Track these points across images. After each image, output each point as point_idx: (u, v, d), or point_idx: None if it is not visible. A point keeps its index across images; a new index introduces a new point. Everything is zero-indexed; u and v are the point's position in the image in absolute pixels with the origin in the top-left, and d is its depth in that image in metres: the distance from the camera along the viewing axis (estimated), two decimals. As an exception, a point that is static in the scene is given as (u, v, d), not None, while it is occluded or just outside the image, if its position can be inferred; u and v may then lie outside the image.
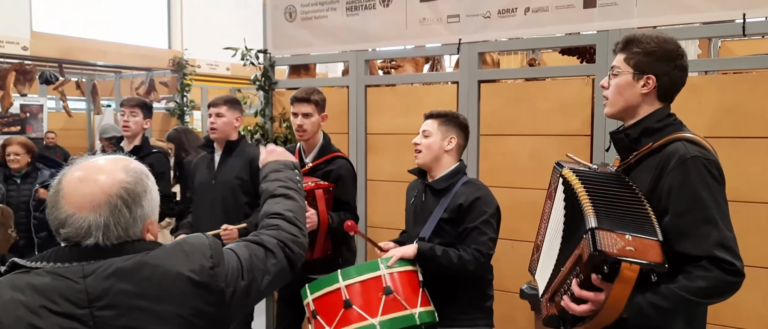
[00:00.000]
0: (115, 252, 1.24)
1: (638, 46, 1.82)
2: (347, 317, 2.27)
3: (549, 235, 1.96)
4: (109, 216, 1.23)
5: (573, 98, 3.29)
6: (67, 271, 1.20)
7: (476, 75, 3.52)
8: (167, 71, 8.41)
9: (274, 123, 4.40)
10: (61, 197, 1.23)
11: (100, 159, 1.30)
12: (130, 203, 1.26)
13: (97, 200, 1.22)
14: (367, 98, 3.96)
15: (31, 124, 8.08)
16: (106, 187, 1.24)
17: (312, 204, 2.85)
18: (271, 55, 4.35)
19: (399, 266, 2.37)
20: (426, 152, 2.56)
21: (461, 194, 2.49)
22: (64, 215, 1.22)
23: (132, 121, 3.71)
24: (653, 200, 1.71)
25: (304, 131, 3.08)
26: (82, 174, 1.25)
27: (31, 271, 1.21)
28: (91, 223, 1.22)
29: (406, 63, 4.48)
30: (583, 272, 1.61)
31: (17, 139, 4.42)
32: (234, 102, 3.40)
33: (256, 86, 4.42)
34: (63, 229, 1.22)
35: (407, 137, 3.82)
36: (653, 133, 1.80)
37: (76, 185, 1.23)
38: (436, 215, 2.50)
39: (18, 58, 7.17)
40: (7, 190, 4.25)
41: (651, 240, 1.58)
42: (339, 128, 3.96)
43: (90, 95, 8.67)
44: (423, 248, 2.42)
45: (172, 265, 1.27)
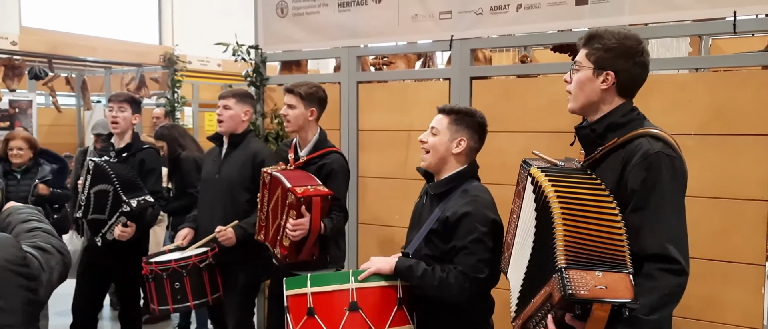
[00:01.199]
0: None
1: (599, 42, 1.85)
2: (309, 325, 2.13)
3: (519, 236, 1.94)
4: None
5: (564, 95, 3.28)
6: None
7: (468, 72, 3.52)
8: (158, 67, 8.36)
9: (265, 119, 4.38)
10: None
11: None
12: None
13: None
14: (358, 95, 3.95)
15: (21, 120, 8.02)
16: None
17: (307, 210, 2.76)
18: (263, 51, 4.34)
19: (372, 281, 2.16)
20: (432, 152, 2.28)
21: (453, 205, 2.19)
22: None
23: (120, 116, 3.67)
24: (619, 196, 1.73)
25: (288, 122, 3.07)
26: None
27: None
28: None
29: (397, 60, 4.48)
30: (553, 306, 1.62)
31: (21, 134, 4.40)
32: (244, 96, 3.38)
33: (247, 82, 4.40)
34: None
35: (399, 133, 3.83)
36: (618, 128, 1.83)
37: None
38: (428, 226, 2.24)
39: (7, 53, 7.11)
40: (6, 185, 4.23)
41: (621, 274, 1.57)
42: (330, 125, 3.95)
43: (80, 90, 8.61)
44: (400, 266, 2.16)
45: None
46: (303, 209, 2.74)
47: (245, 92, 3.43)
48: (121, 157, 3.67)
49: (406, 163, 3.79)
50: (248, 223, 3.19)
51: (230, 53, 4.35)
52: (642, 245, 1.67)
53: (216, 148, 3.47)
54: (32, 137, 4.45)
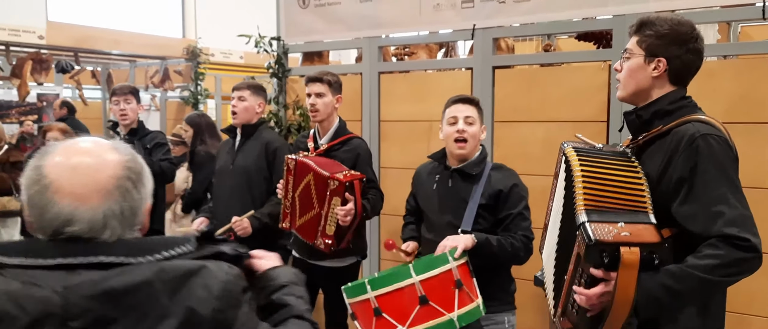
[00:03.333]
0: (119, 249, 1.07)
1: (651, 28, 1.81)
2: (423, 313, 2.13)
3: (553, 215, 1.99)
4: (117, 204, 1.08)
5: (588, 84, 3.27)
6: (55, 282, 1.02)
7: (490, 61, 3.50)
8: (181, 60, 8.44)
9: (287, 110, 4.41)
10: (55, 191, 1.04)
11: (77, 142, 1.13)
12: (137, 180, 1.12)
13: (104, 186, 1.06)
14: (380, 85, 3.95)
15: (48, 113, 8.16)
16: (109, 170, 1.08)
17: (351, 194, 2.80)
18: (284, 43, 4.35)
19: (463, 257, 2.27)
20: (472, 141, 2.48)
21: (497, 180, 2.45)
22: (67, 210, 1.04)
23: (128, 108, 3.77)
24: (663, 183, 1.70)
25: (316, 111, 3.08)
26: (76, 161, 1.07)
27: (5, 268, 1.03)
28: (105, 213, 1.06)
29: (419, 50, 4.46)
30: (585, 270, 1.61)
31: (57, 125, 4.49)
32: (258, 88, 3.41)
33: (269, 74, 4.43)
34: (70, 227, 1.04)
35: (420, 124, 3.82)
36: (665, 115, 1.79)
37: (71, 174, 1.05)
38: (475, 203, 2.44)
39: (34, 48, 7.24)
40: None
41: (644, 224, 1.58)
42: (352, 115, 3.96)
43: (105, 83, 8.73)
44: (480, 239, 2.34)
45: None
46: (347, 194, 2.78)
47: (259, 85, 3.48)
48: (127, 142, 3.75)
49: (427, 153, 3.76)
50: (263, 213, 3.22)
51: (252, 45, 4.38)
52: (702, 230, 1.61)
53: (230, 139, 3.50)
54: (68, 128, 4.52)
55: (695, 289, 1.60)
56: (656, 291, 1.58)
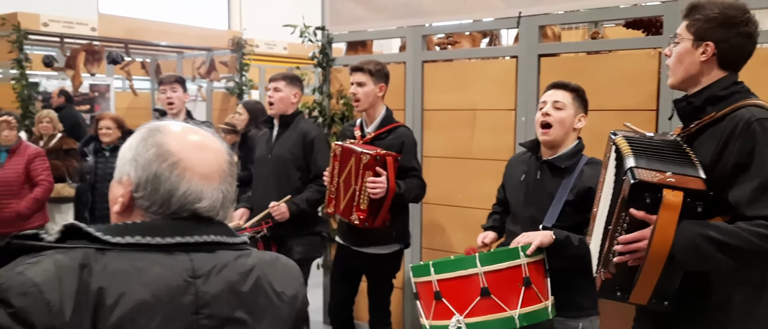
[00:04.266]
0: (225, 230, 1.11)
1: (700, 12, 1.77)
2: (483, 306, 2.09)
3: (602, 203, 1.96)
4: (229, 187, 1.11)
5: (637, 72, 3.20)
6: (172, 261, 1.02)
7: (536, 49, 3.46)
8: (227, 51, 8.58)
9: (331, 100, 4.44)
10: (184, 168, 1.05)
11: (187, 126, 1.14)
12: (234, 167, 1.15)
13: (222, 169, 1.10)
14: (423, 74, 3.94)
15: (100, 103, 8.41)
16: (223, 154, 1.12)
17: (383, 169, 2.86)
18: (329, 32, 4.38)
19: (534, 255, 2.19)
20: (558, 127, 2.33)
21: (589, 176, 2.28)
22: (198, 187, 1.06)
23: (174, 97, 3.84)
24: (718, 170, 1.66)
25: (358, 101, 3.11)
26: (198, 141, 1.10)
27: (109, 249, 0.99)
28: (224, 194, 1.10)
29: (463, 39, 4.43)
30: (627, 214, 1.60)
31: (109, 114, 4.64)
32: (293, 78, 3.46)
33: (313, 64, 4.47)
34: (200, 203, 1.06)
35: (463, 113, 3.80)
36: (718, 101, 1.75)
37: (198, 153, 1.08)
38: (561, 198, 2.30)
39: (87, 39, 7.46)
40: (96, 162, 4.47)
41: (692, 177, 1.57)
42: (395, 104, 3.97)
43: (154, 74, 8.95)
44: (560, 237, 2.21)
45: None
46: (379, 168, 2.82)
47: (294, 75, 3.53)
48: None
49: (470, 142, 3.77)
50: (300, 199, 3.28)
51: (296, 36, 4.42)
52: (757, 214, 1.58)
53: (267, 130, 3.56)
54: (119, 117, 4.67)
55: (739, 249, 1.56)
56: (697, 238, 1.56)
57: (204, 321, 1.01)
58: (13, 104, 6.51)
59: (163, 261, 1.00)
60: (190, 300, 1.00)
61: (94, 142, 4.58)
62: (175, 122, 1.14)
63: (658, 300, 1.66)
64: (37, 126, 5.90)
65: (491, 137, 3.66)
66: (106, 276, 0.95)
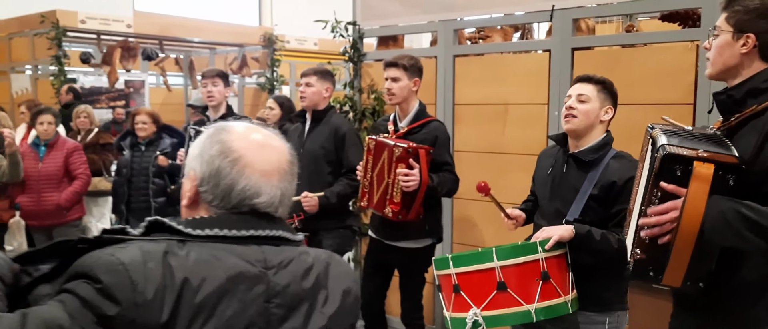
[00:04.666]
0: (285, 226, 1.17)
1: (740, 3, 1.74)
2: (500, 299, 2.11)
3: (638, 198, 1.93)
4: (288, 186, 1.17)
5: (673, 65, 3.14)
6: (253, 254, 1.09)
7: (569, 42, 3.42)
8: (258, 47, 8.67)
9: (362, 95, 4.46)
10: (245, 165, 1.11)
11: (251, 126, 1.21)
12: (295, 167, 1.21)
13: (282, 167, 1.16)
14: (455, 69, 3.93)
15: (135, 98, 8.58)
16: (284, 153, 1.18)
17: (415, 161, 2.87)
18: (360, 27, 4.40)
19: (554, 249, 2.18)
20: (582, 118, 2.32)
21: (614, 170, 2.26)
22: (257, 183, 1.12)
23: (215, 90, 3.86)
24: (758, 163, 1.63)
25: (392, 95, 3.12)
26: (260, 140, 1.16)
27: (189, 241, 1.06)
28: (283, 192, 1.15)
29: (494, 33, 4.40)
30: (658, 189, 1.58)
31: (144, 109, 4.74)
32: (324, 73, 3.47)
33: (345, 59, 4.49)
34: (258, 199, 1.12)
35: (495, 107, 3.78)
36: (759, 94, 1.71)
37: (259, 151, 1.14)
38: (586, 192, 2.27)
39: (122, 36, 7.61)
40: (132, 156, 4.56)
41: (725, 154, 1.56)
42: (426, 99, 3.96)
43: (188, 70, 9.09)
44: (580, 231, 2.19)
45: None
46: (411, 161, 2.84)
47: (325, 70, 3.53)
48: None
49: (502, 136, 3.75)
50: (332, 192, 3.30)
51: (326, 32, 4.44)
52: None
53: (299, 124, 3.58)
54: (155, 112, 4.77)
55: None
56: (728, 212, 1.53)
57: (275, 309, 1.08)
58: (52, 99, 6.68)
59: (238, 251, 1.07)
60: (263, 289, 1.07)
61: (131, 136, 4.67)
62: (241, 123, 1.20)
63: (692, 282, 1.63)
64: (74, 121, 6.04)
65: (523, 131, 3.63)
66: (188, 263, 1.02)
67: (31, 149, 4.46)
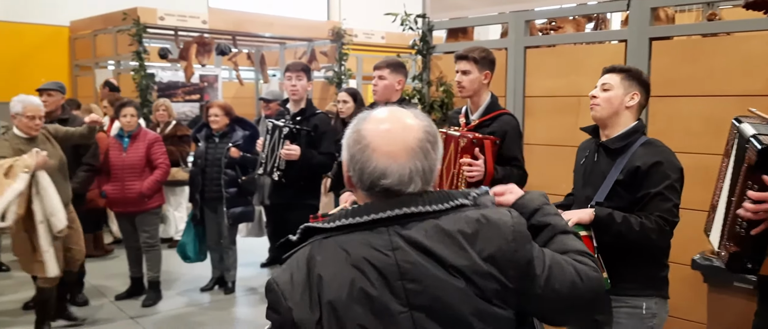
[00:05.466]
0: (422, 200, 1.22)
1: None
2: None
3: (724, 193, 1.87)
4: (421, 162, 1.22)
5: (757, 54, 3.01)
6: (378, 239, 1.19)
7: (647, 32, 3.32)
8: (327, 41, 8.81)
9: (430, 87, 4.47)
10: (372, 149, 1.21)
11: (384, 112, 1.28)
12: (435, 142, 1.26)
13: (410, 146, 1.22)
14: (526, 60, 3.89)
15: (209, 92, 8.88)
16: (412, 132, 1.23)
17: (480, 152, 2.86)
18: (430, 20, 4.40)
19: (577, 230, 2.15)
20: (605, 105, 2.35)
21: (639, 155, 2.28)
22: (383, 165, 1.21)
23: (299, 85, 3.92)
24: None
25: (462, 88, 3.11)
26: (388, 125, 1.24)
27: (331, 234, 1.23)
28: (414, 169, 1.21)
29: (566, 23, 4.32)
30: (755, 181, 1.55)
31: (217, 102, 4.92)
32: (397, 65, 3.49)
33: (414, 51, 4.51)
34: (385, 179, 1.21)
35: (568, 99, 3.72)
36: None
37: (384, 135, 1.22)
38: (612, 178, 2.31)
39: (198, 32, 7.89)
40: (206, 147, 4.75)
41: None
42: (496, 91, 3.93)
43: (259, 65, 9.32)
44: (600, 213, 2.23)
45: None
46: (476, 151, 2.84)
47: (398, 62, 3.53)
48: (295, 121, 3.94)
49: (575, 129, 3.67)
50: None
51: (394, 25, 4.47)
52: None
53: None
54: (228, 104, 4.93)
55: None
56: None
57: (409, 284, 1.16)
58: (133, 93, 7.01)
59: (366, 237, 1.19)
60: (394, 270, 1.16)
61: (206, 128, 4.85)
62: (380, 109, 1.29)
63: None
64: (154, 114, 6.32)
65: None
66: (324, 262, 1.19)
67: (115, 140, 4.70)
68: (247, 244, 5.66)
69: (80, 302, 4.70)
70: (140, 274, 4.90)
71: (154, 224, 4.84)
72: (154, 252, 4.76)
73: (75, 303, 4.63)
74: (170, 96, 7.82)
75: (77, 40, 8.87)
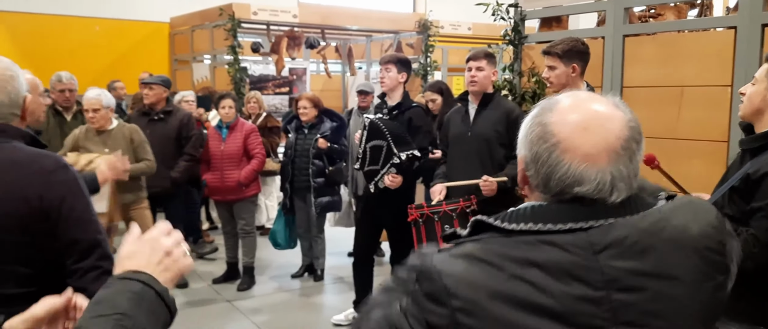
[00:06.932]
0: (625, 210, 1.00)
1: None
2: None
3: None
4: (625, 166, 0.99)
5: None
6: (575, 242, 0.97)
7: (760, 18, 3.13)
8: (413, 33, 8.82)
9: (522, 78, 4.40)
10: (563, 151, 0.99)
11: (581, 99, 1.05)
12: (640, 140, 1.02)
13: (612, 147, 0.99)
14: (624, 49, 3.75)
15: (297, 85, 9.11)
16: (616, 130, 0.99)
17: None
18: (522, 9, 4.33)
19: None
20: (746, 102, 2.11)
21: (758, 161, 2.00)
22: (578, 171, 0.98)
23: (387, 76, 3.93)
24: None
25: (551, 83, 3.06)
26: (584, 119, 1.00)
27: (512, 235, 1.00)
28: (615, 174, 0.99)
29: (666, 10, 4.13)
30: None
31: (306, 95, 5.04)
32: (492, 56, 3.48)
33: (505, 42, 4.44)
34: (580, 187, 0.98)
35: (669, 90, 3.56)
36: None
37: (581, 133, 0.99)
38: (729, 183, 2.06)
39: (288, 26, 8.10)
40: (296, 138, 4.90)
41: None
42: (592, 82, 3.82)
43: (346, 57, 9.47)
44: None
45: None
46: None
47: (492, 53, 3.51)
48: (392, 114, 3.97)
49: (677, 121, 3.52)
50: (509, 176, 3.28)
51: (486, 15, 4.42)
52: None
53: (461, 107, 3.58)
54: (316, 96, 5.04)
55: None
56: None
57: (618, 295, 0.96)
58: (228, 86, 7.30)
59: (559, 240, 0.97)
60: (597, 277, 0.96)
61: (295, 120, 4.98)
62: (569, 96, 1.06)
63: None
64: (245, 106, 6.55)
65: (702, 115, 3.39)
66: (501, 262, 0.96)
67: (215, 131, 4.92)
68: (335, 233, 5.78)
69: (180, 284, 4.96)
70: (236, 259, 5.11)
71: (251, 212, 5.03)
72: (249, 238, 4.95)
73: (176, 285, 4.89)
74: (261, 89, 8.07)
75: (176, 35, 9.34)
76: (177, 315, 1.04)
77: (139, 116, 4.99)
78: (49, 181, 1.64)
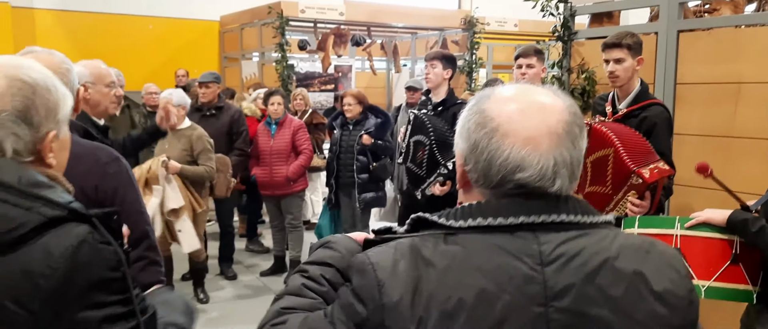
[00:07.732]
0: (570, 210, 0.95)
1: None
2: None
3: None
4: (567, 151, 0.95)
5: None
6: (516, 244, 0.92)
7: (823, 12, 3.02)
8: (458, 30, 8.79)
9: (571, 75, 4.34)
10: (502, 134, 0.94)
11: (516, 87, 1.01)
12: (583, 126, 0.99)
13: (554, 130, 0.94)
14: (678, 45, 3.66)
15: (342, 82, 9.19)
16: (557, 113, 0.96)
17: (651, 195, 2.67)
18: (572, 5, 4.27)
19: (702, 231, 2.11)
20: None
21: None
22: (519, 154, 0.92)
23: (432, 72, 3.94)
24: None
25: (616, 78, 2.97)
26: (519, 104, 0.96)
27: (457, 233, 0.94)
28: (558, 160, 0.94)
29: (722, 5, 4.02)
30: None
31: (351, 91, 5.10)
32: (541, 53, 3.46)
33: (554, 38, 4.39)
34: (522, 172, 0.93)
35: (725, 86, 3.47)
36: None
37: (520, 115, 0.94)
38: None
39: (335, 23, 8.18)
40: (341, 134, 4.96)
41: None
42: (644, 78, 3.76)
43: (391, 54, 9.51)
44: (734, 218, 2.05)
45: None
46: (647, 193, 2.65)
47: (542, 50, 3.50)
48: (436, 111, 3.98)
49: (734, 119, 3.43)
50: None
51: (534, 12, 4.37)
52: None
53: None
54: (360, 93, 5.09)
55: None
56: None
57: (554, 314, 0.90)
58: (276, 82, 7.42)
59: (508, 245, 0.92)
60: (538, 290, 0.90)
61: (341, 116, 5.04)
62: (507, 85, 1.02)
63: None
64: (292, 103, 6.65)
65: (760, 113, 3.29)
66: (444, 263, 0.91)
67: (264, 127, 5.01)
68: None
69: (230, 276, 5.09)
70: (283, 253, 5.21)
71: (298, 206, 5.12)
72: (296, 232, 5.04)
73: (226, 277, 5.03)
74: (307, 86, 8.18)
75: (226, 33, 9.54)
76: (226, 307, 1.08)
77: (192, 112, 5.13)
78: (104, 172, 1.72)
